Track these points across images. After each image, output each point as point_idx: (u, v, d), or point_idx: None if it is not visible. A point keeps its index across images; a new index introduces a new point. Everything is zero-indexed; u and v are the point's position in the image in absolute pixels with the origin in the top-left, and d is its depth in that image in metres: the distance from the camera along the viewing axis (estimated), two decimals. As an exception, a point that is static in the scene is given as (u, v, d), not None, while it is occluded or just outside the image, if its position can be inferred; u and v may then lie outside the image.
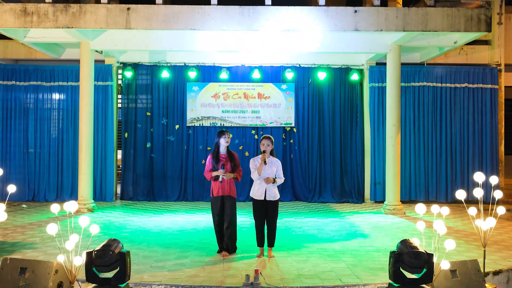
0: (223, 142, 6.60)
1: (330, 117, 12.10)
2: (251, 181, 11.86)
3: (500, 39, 12.09)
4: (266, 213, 6.52)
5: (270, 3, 9.17)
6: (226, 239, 6.58)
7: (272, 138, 6.66)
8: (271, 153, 6.61)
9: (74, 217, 5.09)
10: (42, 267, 4.73)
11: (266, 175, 6.49)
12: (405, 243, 4.09)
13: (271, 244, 6.56)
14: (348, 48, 10.62)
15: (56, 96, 11.87)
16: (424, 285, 4.07)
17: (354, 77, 11.93)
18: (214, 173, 6.51)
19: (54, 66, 11.91)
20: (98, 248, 4.00)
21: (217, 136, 6.66)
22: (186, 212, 10.34)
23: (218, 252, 6.70)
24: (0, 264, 4.76)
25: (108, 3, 9.13)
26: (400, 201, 10.40)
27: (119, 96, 12.36)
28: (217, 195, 6.55)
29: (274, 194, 6.50)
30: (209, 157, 6.66)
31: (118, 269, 4.05)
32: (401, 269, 4.05)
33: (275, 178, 6.51)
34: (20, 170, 11.68)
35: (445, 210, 5.30)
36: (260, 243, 6.59)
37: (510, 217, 9.51)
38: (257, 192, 6.53)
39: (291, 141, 12.12)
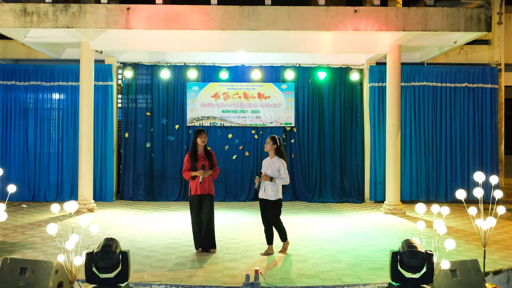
0: (200, 142, 6.73)
1: (330, 117, 12.09)
2: (251, 181, 11.99)
3: (500, 38, 12.08)
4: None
5: (270, 3, 9.17)
6: (206, 236, 6.72)
7: (274, 137, 6.72)
8: (278, 153, 6.64)
9: (74, 217, 5.09)
10: (42, 267, 4.72)
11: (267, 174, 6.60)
12: (405, 242, 4.09)
13: (282, 239, 6.74)
14: (348, 48, 10.63)
15: (56, 96, 11.86)
16: (424, 285, 4.07)
17: (354, 77, 11.93)
18: (194, 173, 6.64)
19: (54, 66, 11.91)
20: (98, 249, 3.98)
21: (193, 135, 6.79)
22: (186, 212, 10.31)
23: (197, 249, 6.75)
24: (0, 264, 4.75)
25: (108, 3, 9.13)
26: (400, 201, 10.40)
27: (119, 96, 12.36)
28: (195, 194, 6.67)
29: (270, 194, 6.55)
30: (186, 156, 6.78)
31: (120, 268, 4.04)
32: (400, 268, 4.05)
33: (272, 177, 6.54)
34: (20, 170, 11.68)
35: (445, 210, 5.30)
36: (268, 241, 6.70)
37: (510, 217, 9.50)
38: (260, 190, 6.69)
39: (292, 141, 12.11)
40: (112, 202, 11.55)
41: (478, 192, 5.60)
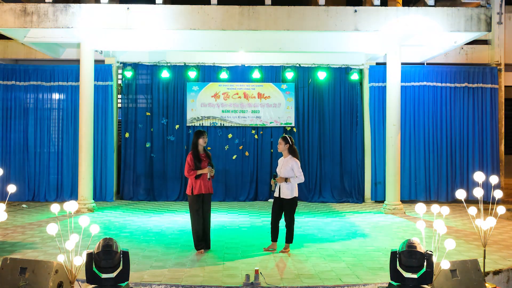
0: (202, 142, 6.79)
1: (330, 117, 12.09)
2: (251, 181, 11.98)
3: (500, 38, 12.08)
4: (281, 210, 6.76)
5: (270, 3, 9.17)
6: (206, 235, 6.79)
7: (286, 137, 6.87)
8: (291, 152, 6.78)
9: (74, 217, 5.08)
10: (42, 267, 4.72)
11: (282, 175, 6.72)
12: (406, 242, 4.09)
13: (287, 240, 6.80)
14: (348, 48, 10.62)
15: (56, 96, 11.86)
16: (424, 285, 4.07)
17: (354, 77, 11.93)
18: (200, 171, 6.64)
19: (54, 66, 11.90)
20: (98, 250, 3.98)
21: (195, 136, 6.81)
22: (186, 212, 10.30)
23: (199, 250, 6.69)
24: (0, 264, 4.75)
25: (108, 3, 9.13)
26: (400, 200, 10.40)
27: (119, 96, 12.36)
28: (199, 193, 6.67)
29: (286, 192, 6.69)
30: (189, 157, 6.75)
31: (121, 268, 4.05)
32: (399, 268, 4.05)
33: (287, 177, 6.67)
34: (20, 170, 11.67)
35: (445, 209, 5.29)
36: (273, 238, 6.81)
37: (510, 217, 9.51)
38: (275, 189, 6.81)
39: (291, 141, 12.09)
40: (112, 202, 11.55)
41: (478, 192, 5.60)
